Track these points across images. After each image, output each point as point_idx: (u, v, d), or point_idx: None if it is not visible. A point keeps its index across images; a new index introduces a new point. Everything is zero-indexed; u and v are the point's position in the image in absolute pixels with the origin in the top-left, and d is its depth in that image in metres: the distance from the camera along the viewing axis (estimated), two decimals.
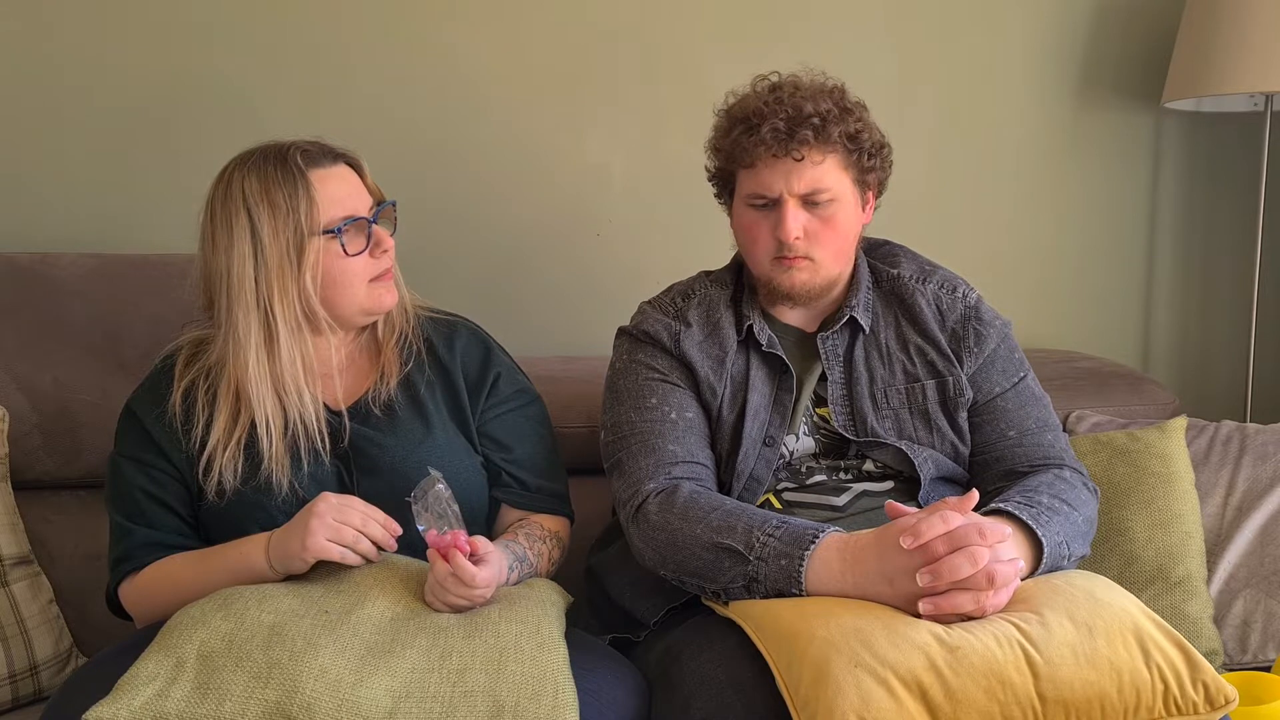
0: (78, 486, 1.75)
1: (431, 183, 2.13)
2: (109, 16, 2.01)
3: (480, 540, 1.31)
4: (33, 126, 2.01)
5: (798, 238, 1.46)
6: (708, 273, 1.63)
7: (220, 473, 1.40)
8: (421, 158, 2.12)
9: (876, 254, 1.63)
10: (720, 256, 1.63)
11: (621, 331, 1.61)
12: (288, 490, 1.41)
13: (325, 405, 1.47)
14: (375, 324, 1.52)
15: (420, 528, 1.31)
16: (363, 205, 1.45)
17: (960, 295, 1.57)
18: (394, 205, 1.50)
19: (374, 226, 1.45)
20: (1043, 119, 2.34)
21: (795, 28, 2.22)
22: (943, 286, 1.57)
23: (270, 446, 1.40)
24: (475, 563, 1.28)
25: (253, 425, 1.41)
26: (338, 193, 1.42)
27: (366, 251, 1.44)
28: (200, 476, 1.42)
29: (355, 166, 1.47)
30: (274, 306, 1.39)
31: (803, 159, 1.44)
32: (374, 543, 1.32)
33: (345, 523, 1.30)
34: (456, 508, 1.32)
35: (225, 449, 1.41)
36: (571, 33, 2.16)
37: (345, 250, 1.42)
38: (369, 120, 2.09)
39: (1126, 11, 2.33)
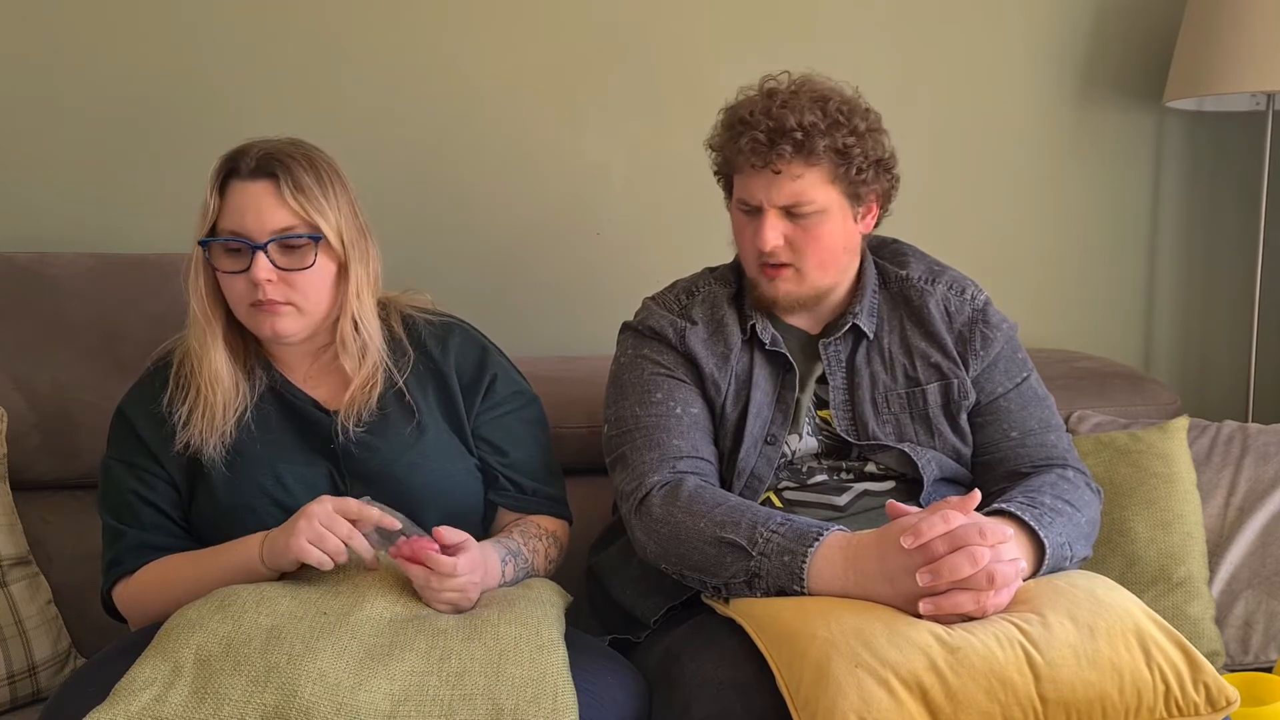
0: (76, 487, 1.75)
1: (430, 183, 2.12)
2: (108, 17, 2.00)
3: (446, 530, 1.29)
4: (32, 127, 2.00)
5: (776, 246, 1.45)
6: (711, 269, 1.62)
7: (208, 465, 1.41)
8: (420, 158, 2.12)
9: (884, 253, 1.62)
10: (720, 257, 1.63)
11: (626, 326, 1.60)
12: (275, 487, 1.41)
13: (317, 403, 1.47)
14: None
15: (381, 555, 1.31)
16: (264, 227, 1.38)
17: (969, 298, 1.56)
18: (314, 240, 1.40)
19: (256, 253, 1.37)
20: (1044, 118, 2.33)
21: (796, 27, 2.22)
22: (951, 288, 1.57)
23: (226, 423, 1.42)
24: (450, 553, 1.28)
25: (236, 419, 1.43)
26: (240, 207, 1.39)
27: (245, 274, 1.39)
28: (190, 474, 1.42)
29: (277, 184, 1.39)
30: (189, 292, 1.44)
31: (781, 172, 1.42)
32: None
33: (331, 529, 1.29)
34: (398, 516, 1.32)
35: (206, 436, 1.41)
36: (570, 32, 2.15)
37: (210, 263, 1.42)
38: (368, 121, 2.09)
39: (1128, 11, 2.33)
